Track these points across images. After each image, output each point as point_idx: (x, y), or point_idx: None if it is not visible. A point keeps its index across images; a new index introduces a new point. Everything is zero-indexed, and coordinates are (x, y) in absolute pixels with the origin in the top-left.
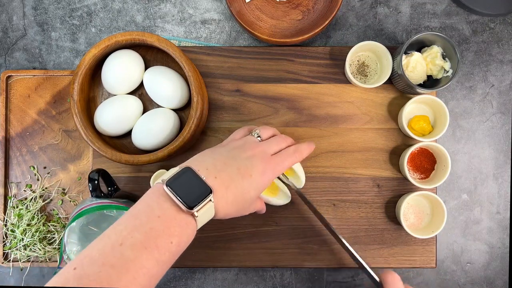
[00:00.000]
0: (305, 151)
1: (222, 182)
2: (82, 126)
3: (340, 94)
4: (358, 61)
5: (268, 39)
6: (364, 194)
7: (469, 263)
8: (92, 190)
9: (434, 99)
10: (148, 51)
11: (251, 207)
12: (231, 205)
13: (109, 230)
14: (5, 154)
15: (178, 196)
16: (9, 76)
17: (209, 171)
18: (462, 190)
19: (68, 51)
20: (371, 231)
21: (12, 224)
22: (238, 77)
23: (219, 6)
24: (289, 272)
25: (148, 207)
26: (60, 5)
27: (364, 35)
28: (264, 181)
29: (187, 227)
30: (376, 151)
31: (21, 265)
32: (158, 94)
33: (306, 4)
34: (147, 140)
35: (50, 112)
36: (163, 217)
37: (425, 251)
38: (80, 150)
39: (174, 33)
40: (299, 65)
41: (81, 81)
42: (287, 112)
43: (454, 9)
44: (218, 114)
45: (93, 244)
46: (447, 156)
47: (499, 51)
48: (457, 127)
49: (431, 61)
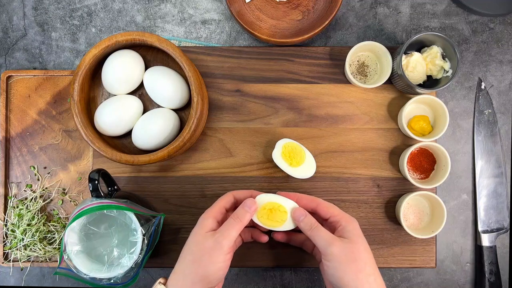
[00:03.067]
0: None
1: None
2: (82, 126)
3: (340, 94)
4: (358, 61)
5: (268, 39)
6: (364, 194)
7: (469, 263)
8: (92, 190)
9: (434, 99)
10: (148, 51)
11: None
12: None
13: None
14: (5, 154)
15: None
16: (10, 76)
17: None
18: (462, 190)
19: (68, 51)
20: (371, 231)
21: (12, 224)
22: (238, 77)
23: (219, 6)
24: (289, 272)
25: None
26: (60, 5)
27: (364, 35)
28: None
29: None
30: (376, 151)
31: (21, 265)
32: (158, 94)
33: (306, 4)
34: (147, 140)
35: (50, 112)
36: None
37: (425, 251)
38: (80, 150)
39: (174, 33)
40: (299, 65)
41: (81, 81)
42: (287, 112)
43: (454, 9)
44: (218, 114)
45: None
46: (447, 156)
47: (499, 51)
48: (457, 127)
49: (431, 61)
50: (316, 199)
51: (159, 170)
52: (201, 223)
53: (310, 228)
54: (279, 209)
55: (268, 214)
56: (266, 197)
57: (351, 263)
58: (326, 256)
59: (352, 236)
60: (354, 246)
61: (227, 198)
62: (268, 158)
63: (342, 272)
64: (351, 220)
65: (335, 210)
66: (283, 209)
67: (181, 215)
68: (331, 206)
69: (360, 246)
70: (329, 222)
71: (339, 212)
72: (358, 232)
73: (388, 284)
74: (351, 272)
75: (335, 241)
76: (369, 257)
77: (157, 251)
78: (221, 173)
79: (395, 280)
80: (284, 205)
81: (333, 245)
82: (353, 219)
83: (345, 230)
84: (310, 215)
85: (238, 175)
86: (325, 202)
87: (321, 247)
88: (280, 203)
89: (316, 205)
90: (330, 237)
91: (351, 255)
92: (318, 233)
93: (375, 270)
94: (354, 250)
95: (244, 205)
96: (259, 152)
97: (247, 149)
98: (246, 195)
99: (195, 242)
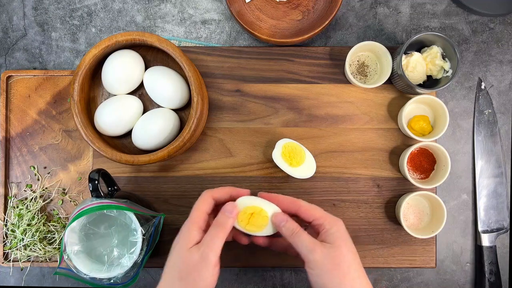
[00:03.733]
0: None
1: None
2: (82, 126)
3: (340, 94)
4: (358, 61)
5: (268, 39)
6: (364, 194)
7: (469, 263)
8: (92, 190)
9: (434, 99)
10: (148, 51)
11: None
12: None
13: None
14: (6, 154)
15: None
16: (10, 76)
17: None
18: (462, 190)
19: (68, 51)
20: (371, 231)
21: (12, 224)
22: (238, 77)
23: (219, 6)
24: (289, 272)
25: None
26: (60, 5)
27: (364, 35)
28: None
29: None
30: (376, 151)
31: (21, 265)
32: (158, 94)
33: (306, 4)
34: (147, 140)
35: (51, 112)
36: None
37: (425, 251)
38: (80, 150)
39: (174, 33)
40: (299, 65)
41: (81, 81)
42: (287, 112)
43: (454, 9)
44: (218, 114)
45: None
46: (447, 156)
47: (499, 51)
48: (457, 127)
49: (431, 61)
50: (297, 201)
51: (159, 170)
52: (185, 236)
53: (291, 234)
54: (260, 213)
55: (248, 218)
56: (247, 200)
57: (334, 270)
58: (308, 263)
59: (335, 239)
60: (338, 251)
61: (207, 202)
62: (268, 158)
63: (326, 280)
64: (335, 222)
65: (317, 212)
66: (264, 213)
67: (181, 215)
68: (313, 208)
69: (344, 250)
70: (312, 225)
71: (321, 214)
72: (342, 234)
73: (388, 284)
74: (335, 279)
75: (318, 247)
76: (354, 260)
77: (157, 251)
78: (221, 173)
79: (395, 280)
80: (265, 209)
81: (315, 251)
82: (337, 220)
83: (329, 233)
84: (292, 220)
85: (238, 175)
86: (307, 204)
87: (303, 254)
88: (261, 207)
89: (298, 208)
90: (312, 243)
91: (334, 261)
92: (299, 239)
93: (360, 272)
94: (337, 255)
95: (224, 210)
96: (259, 152)
97: (247, 149)
98: (224, 195)
99: (181, 258)
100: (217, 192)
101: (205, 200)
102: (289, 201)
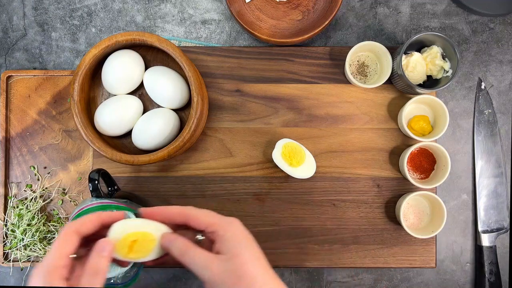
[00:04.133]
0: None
1: None
2: (82, 126)
3: (340, 94)
4: (358, 61)
5: (268, 39)
6: (364, 194)
7: (469, 263)
8: (92, 190)
9: (434, 99)
10: (148, 51)
11: None
12: None
13: None
14: (5, 154)
15: None
16: (10, 76)
17: None
18: (462, 190)
19: (68, 51)
20: (371, 231)
21: (12, 224)
22: (238, 77)
23: (219, 6)
24: (289, 272)
25: None
26: (60, 5)
27: (364, 35)
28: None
29: None
30: (376, 151)
31: (21, 265)
32: (158, 94)
33: (306, 4)
34: (147, 140)
35: (50, 112)
36: None
37: (425, 251)
38: (80, 150)
39: (174, 33)
40: (299, 65)
41: (81, 81)
42: (287, 112)
43: (454, 9)
44: (218, 114)
45: None
46: (447, 156)
47: (499, 51)
48: (457, 127)
49: (431, 61)
50: (185, 211)
51: (159, 170)
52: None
53: (181, 253)
54: (144, 238)
55: (130, 246)
56: (127, 225)
57: (236, 284)
58: (206, 284)
59: (232, 247)
60: (237, 261)
61: (68, 242)
62: (268, 158)
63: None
64: (228, 225)
65: (208, 218)
66: (150, 237)
67: None
68: (203, 215)
69: (244, 258)
70: (206, 234)
71: (212, 220)
72: (239, 238)
73: (388, 284)
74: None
75: (212, 263)
76: (259, 266)
77: None
78: (221, 173)
79: (395, 280)
80: (150, 231)
81: (210, 268)
82: (230, 224)
83: (223, 241)
84: (180, 238)
85: (238, 175)
86: (196, 211)
87: (198, 273)
88: (145, 231)
89: (186, 218)
90: (205, 259)
91: (235, 274)
92: (190, 257)
93: (268, 278)
94: (238, 267)
95: (95, 249)
96: (259, 152)
97: (247, 149)
98: (93, 226)
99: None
100: (83, 225)
101: (65, 240)
102: (175, 212)
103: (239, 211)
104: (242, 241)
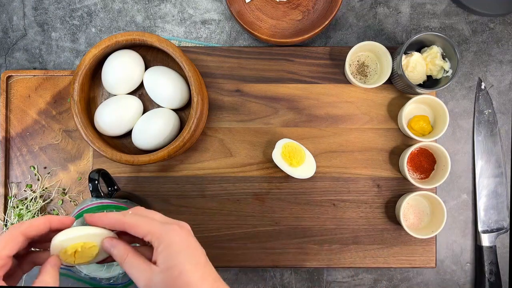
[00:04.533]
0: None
1: None
2: (82, 126)
3: (340, 94)
4: (358, 61)
5: (268, 39)
6: (364, 194)
7: (469, 263)
8: (92, 190)
9: (434, 99)
10: (148, 51)
11: None
12: None
13: None
14: (6, 154)
15: None
16: (10, 76)
17: None
18: (462, 190)
19: (68, 51)
20: (371, 231)
21: (12, 224)
22: (238, 77)
23: (219, 6)
24: (289, 272)
25: None
26: (60, 5)
27: (364, 35)
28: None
29: None
30: (376, 151)
31: None
32: (158, 94)
33: (306, 4)
34: (147, 140)
35: (50, 112)
36: None
37: (425, 251)
38: (80, 150)
39: (174, 33)
40: (299, 65)
41: (81, 81)
42: (287, 112)
43: (454, 9)
44: (218, 114)
45: None
46: (447, 156)
47: (499, 51)
48: (456, 127)
49: (431, 61)
50: (121, 219)
51: (159, 170)
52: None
53: (121, 260)
54: (85, 246)
55: (74, 255)
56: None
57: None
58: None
59: (169, 258)
60: (175, 272)
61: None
62: (268, 158)
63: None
64: (166, 235)
65: (144, 227)
66: (90, 244)
67: (181, 215)
68: (140, 224)
69: (177, 269)
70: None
71: (148, 228)
72: (176, 248)
73: (388, 284)
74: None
75: (152, 274)
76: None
77: None
78: (221, 173)
79: (395, 280)
80: (92, 240)
81: (150, 280)
82: (167, 232)
83: (159, 251)
84: (120, 244)
85: (238, 175)
86: (136, 219)
87: (135, 282)
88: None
89: (123, 226)
90: (142, 270)
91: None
92: (129, 265)
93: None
94: (172, 278)
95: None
96: (259, 152)
97: (247, 149)
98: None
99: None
100: (30, 227)
101: (10, 239)
102: (113, 220)
103: (239, 211)
104: (181, 250)
